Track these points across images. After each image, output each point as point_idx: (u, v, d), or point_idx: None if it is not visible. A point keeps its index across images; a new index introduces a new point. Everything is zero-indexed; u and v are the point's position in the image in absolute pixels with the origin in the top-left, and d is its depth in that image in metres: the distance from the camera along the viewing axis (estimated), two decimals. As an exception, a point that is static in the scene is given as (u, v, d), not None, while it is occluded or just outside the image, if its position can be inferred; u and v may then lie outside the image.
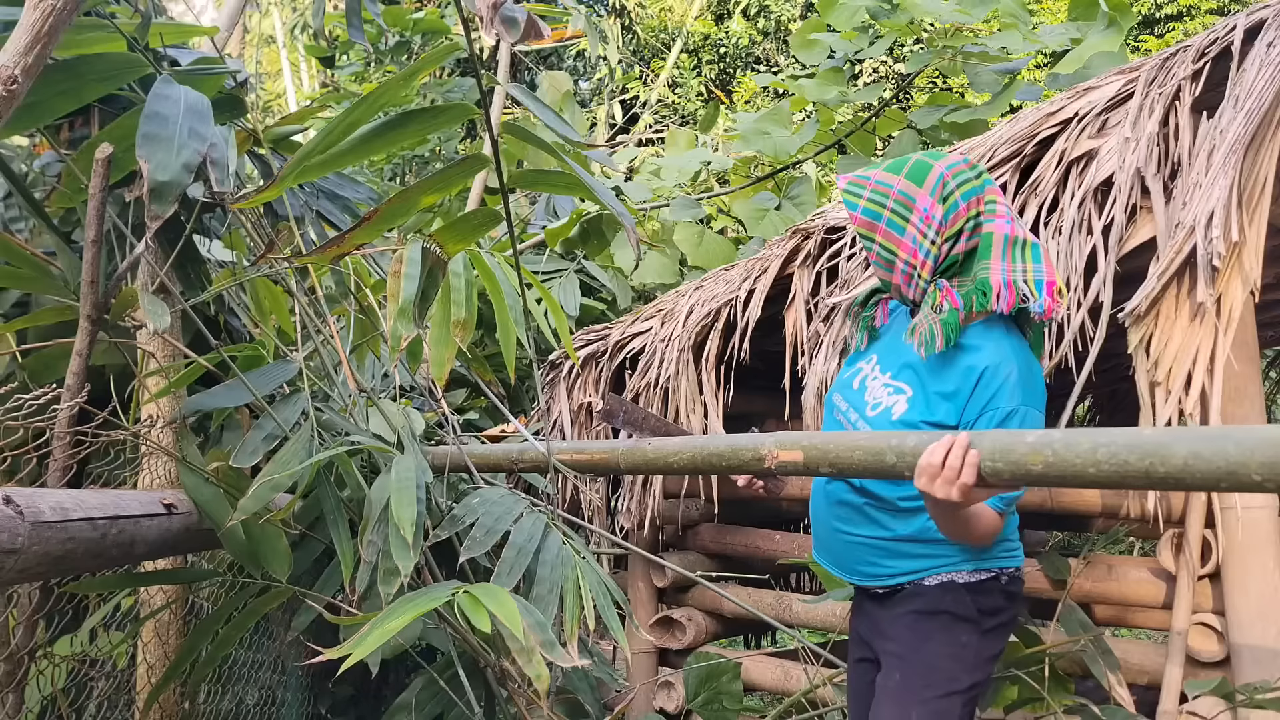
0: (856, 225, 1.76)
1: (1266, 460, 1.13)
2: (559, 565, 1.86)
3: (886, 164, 1.76)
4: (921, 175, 1.71)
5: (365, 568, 1.79)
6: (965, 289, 1.71)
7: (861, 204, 1.74)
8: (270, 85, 13.23)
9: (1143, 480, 1.24)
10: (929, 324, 1.69)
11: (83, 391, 1.70)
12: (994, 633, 1.75)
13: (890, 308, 1.94)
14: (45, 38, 1.39)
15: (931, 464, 1.40)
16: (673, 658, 3.43)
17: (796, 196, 4.96)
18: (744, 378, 3.14)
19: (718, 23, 13.31)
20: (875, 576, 1.80)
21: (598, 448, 2.01)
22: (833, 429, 1.87)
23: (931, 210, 1.69)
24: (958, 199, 1.70)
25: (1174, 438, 1.21)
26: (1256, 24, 2.13)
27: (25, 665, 1.71)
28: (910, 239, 1.70)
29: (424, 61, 1.65)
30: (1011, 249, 1.71)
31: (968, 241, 1.72)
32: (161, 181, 1.61)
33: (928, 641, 1.73)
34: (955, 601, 1.72)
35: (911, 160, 1.74)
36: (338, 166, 1.69)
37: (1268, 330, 4.18)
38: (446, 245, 1.81)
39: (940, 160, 1.73)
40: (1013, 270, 1.69)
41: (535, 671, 1.52)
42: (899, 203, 1.71)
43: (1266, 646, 2.04)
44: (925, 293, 1.73)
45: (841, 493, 1.82)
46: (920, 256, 1.71)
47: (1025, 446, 1.33)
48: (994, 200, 1.74)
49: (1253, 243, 1.94)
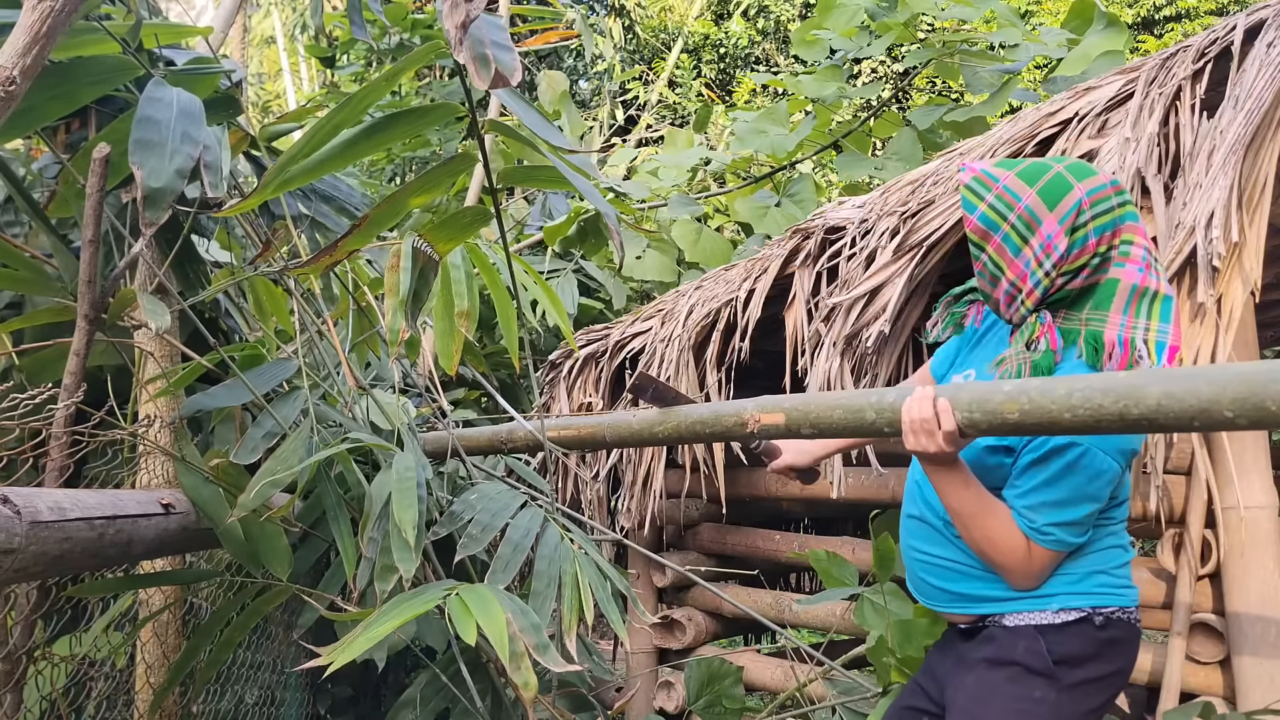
0: (969, 229, 1.56)
1: (1237, 396, 1.13)
2: (557, 559, 1.85)
3: (1022, 167, 1.55)
4: (1057, 196, 1.50)
5: (365, 564, 1.79)
6: (1070, 329, 1.54)
7: (981, 208, 1.54)
8: (270, 85, 13.23)
9: (1117, 423, 1.23)
10: (1018, 362, 1.53)
11: (80, 391, 1.70)
12: (1081, 688, 1.52)
13: (985, 310, 1.79)
14: (44, 39, 1.39)
15: (911, 419, 1.41)
16: (673, 658, 3.43)
17: (796, 194, 4.96)
18: (744, 378, 3.14)
19: (717, 23, 13.31)
20: (952, 604, 1.65)
21: (585, 422, 1.99)
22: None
23: (1055, 240, 1.49)
24: (1089, 233, 1.50)
25: (1147, 379, 1.22)
26: (1256, 24, 2.13)
27: (24, 665, 1.71)
28: (1024, 262, 1.51)
29: (406, 62, 1.64)
30: (1138, 302, 1.51)
31: (1086, 279, 1.53)
32: (155, 188, 1.60)
33: (993, 696, 1.54)
34: (1028, 650, 1.53)
35: (1051, 172, 1.52)
36: (323, 173, 1.67)
37: (1268, 330, 4.18)
38: (437, 244, 1.80)
39: (1084, 182, 1.51)
40: (1133, 328, 1.50)
41: (523, 679, 1.50)
42: (1022, 220, 1.51)
43: (1266, 646, 2.03)
44: (1024, 320, 1.57)
45: (918, 506, 1.70)
46: (1029, 284, 1.52)
47: (1002, 395, 1.34)
48: (1131, 239, 1.52)
49: (1253, 243, 1.94)
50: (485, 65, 1.43)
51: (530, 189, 5.92)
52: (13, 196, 2.21)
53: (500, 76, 1.42)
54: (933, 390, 1.41)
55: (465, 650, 2.10)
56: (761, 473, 3.26)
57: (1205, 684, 2.15)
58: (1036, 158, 1.58)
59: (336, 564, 2.10)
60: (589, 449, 2.41)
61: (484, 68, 1.43)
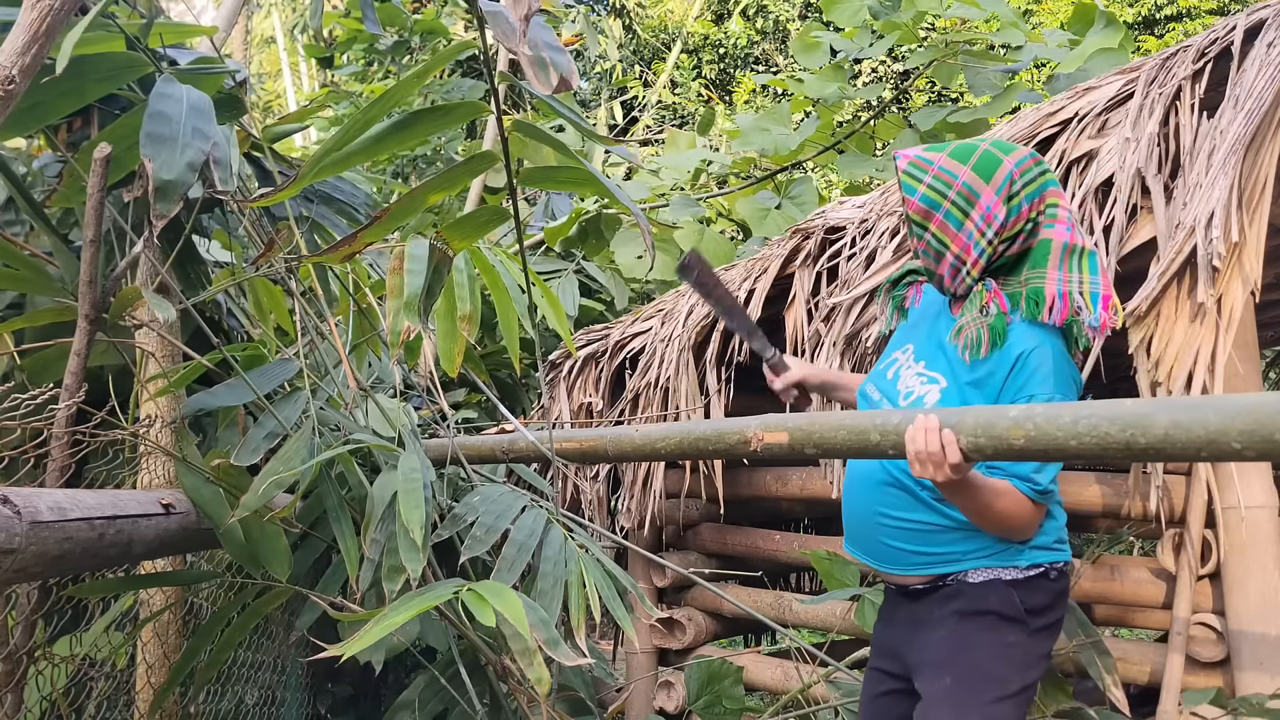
0: (911, 211, 1.67)
1: (1245, 428, 1.13)
2: (561, 560, 1.85)
3: (951, 149, 1.67)
4: (990, 170, 1.63)
5: (369, 565, 1.79)
6: (1013, 291, 1.65)
7: (921, 189, 1.66)
8: (270, 85, 13.24)
9: (1123, 452, 1.23)
10: (976, 328, 1.63)
11: (81, 391, 1.70)
12: (1042, 633, 1.67)
13: (924, 289, 1.88)
14: (43, 38, 1.39)
15: (916, 450, 1.42)
16: (673, 658, 3.43)
17: (797, 195, 4.95)
18: (744, 378, 3.14)
19: (717, 23, 13.32)
20: (917, 565, 1.72)
21: (586, 436, 2.00)
22: None
23: (994, 210, 1.62)
24: (1022, 200, 1.64)
25: (1155, 408, 1.21)
26: (1256, 24, 2.13)
27: (24, 665, 1.71)
28: (966, 235, 1.64)
29: (437, 59, 1.65)
30: (1069, 258, 1.65)
31: (1022, 244, 1.67)
32: (166, 180, 1.61)
33: (973, 644, 1.65)
34: (1001, 601, 1.64)
35: (980, 150, 1.65)
36: (348, 166, 1.69)
37: (1268, 330, 4.18)
38: (453, 242, 1.81)
39: (1010, 155, 1.65)
40: (1069, 281, 1.63)
41: (536, 674, 1.51)
42: (961, 195, 1.63)
43: (1266, 646, 2.03)
44: (970, 290, 1.68)
45: (891, 474, 1.74)
46: (974, 255, 1.65)
47: (1007, 421, 1.33)
48: (1055, 203, 1.68)
49: (1253, 243, 1.94)
50: (543, 68, 1.38)
51: (531, 189, 5.93)
52: (14, 197, 2.22)
53: (562, 80, 1.37)
54: (937, 420, 1.41)
55: (464, 653, 2.11)
56: (761, 473, 3.26)
57: (1205, 684, 2.15)
58: (959, 140, 1.71)
59: (336, 564, 2.11)
60: (590, 462, 2.42)
61: (542, 71, 1.38)
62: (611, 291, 4.81)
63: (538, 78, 1.37)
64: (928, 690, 1.68)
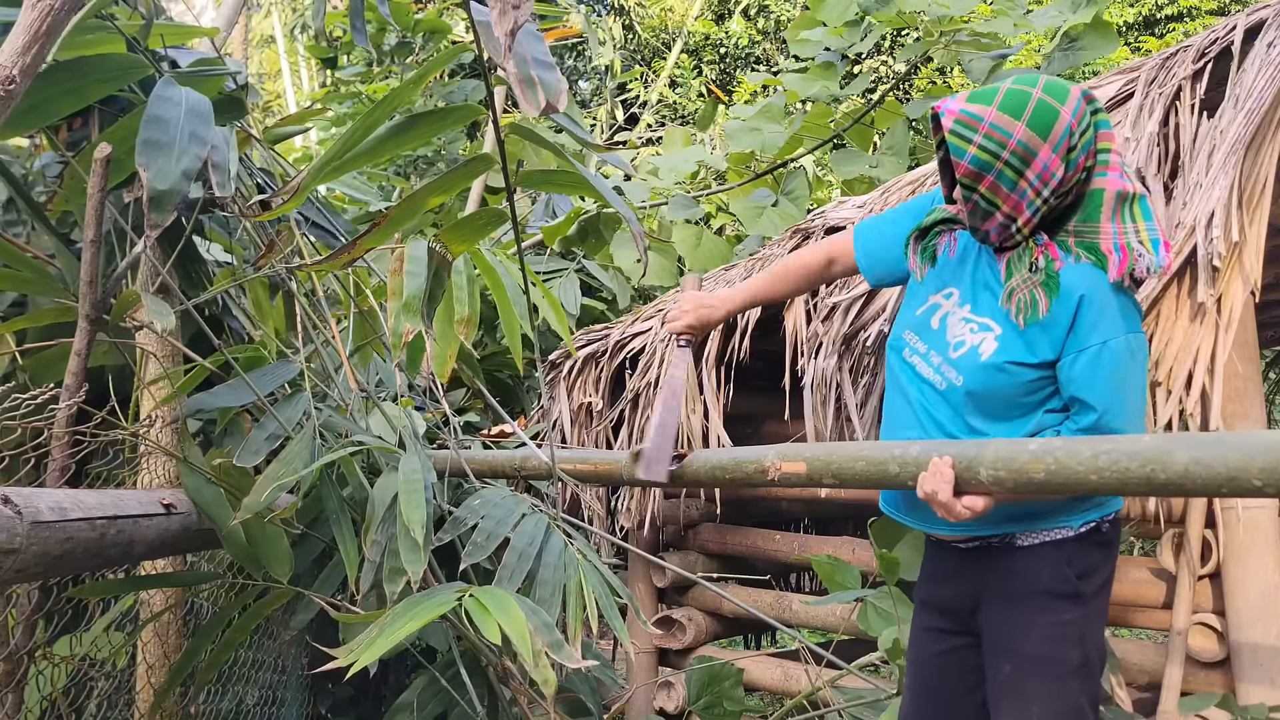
0: (960, 174, 1.53)
1: (1267, 465, 1.13)
2: (560, 567, 1.85)
3: (1001, 98, 1.50)
4: (1047, 125, 1.48)
5: (370, 566, 1.79)
6: (1062, 240, 1.55)
7: (971, 150, 1.50)
8: (270, 85, 13.23)
9: (1144, 487, 1.24)
10: (1029, 288, 1.53)
11: (81, 391, 1.70)
12: (1097, 596, 1.60)
13: (958, 236, 1.73)
14: (43, 38, 1.39)
15: (934, 502, 1.43)
16: (673, 658, 3.43)
17: (792, 192, 4.94)
18: (744, 378, 3.14)
19: (718, 23, 13.31)
20: (965, 525, 1.59)
21: (601, 458, 2.00)
22: (905, 375, 1.71)
23: (1052, 168, 1.49)
24: (1079, 153, 1.52)
25: (1174, 444, 1.22)
26: (1256, 24, 2.13)
27: (25, 665, 1.71)
28: (1019, 194, 1.51)
29: (434, 63, 1.65)
30: (1122, 207, 1.54)
31: (1075, 195, 1.56)
32: (161, 190, 1.60)
33: (1028, 629, 1.59)
34: (1054, 576, 1.57)
35: (1034, 100, 1.48)
36: (352, 169, 1.69)
37: (1268, 330, 4.18)
38: (452, 245, 1.81)
39: (1066, 105, 1.49)
40: (1125, 234, 1.52)
41: (542, 676, 1.51)
42: (1016, 155, 1.48)
43: (1266, 646, 2.03)
44: (1018, 244, 1.57)
45: (946, 431, 1.64)
46: (1027, 213, 1.53)
47: (1027, 455, 1.35)
48: (1107, 148, 1.55)
49: (1253, 243, 1.94)
50: (532, 88, 1.35)
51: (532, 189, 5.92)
52: (14, 198, 2.22)
53: (549, 103, 1.34)
54: (951, 472, 1.41)
55: (464, 654, 2.11)
56: (762, 473, 3.26)
57: (1205, 684, 2.15)
58: (1009, 84, 1.53)
59: (333, 564, 2.11)
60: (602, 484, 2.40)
61: (531, 91, 1.34)
62: (613, 290, 4.81)
63: (525, 98, 1.34)
64: (990, 676, 1.65)
